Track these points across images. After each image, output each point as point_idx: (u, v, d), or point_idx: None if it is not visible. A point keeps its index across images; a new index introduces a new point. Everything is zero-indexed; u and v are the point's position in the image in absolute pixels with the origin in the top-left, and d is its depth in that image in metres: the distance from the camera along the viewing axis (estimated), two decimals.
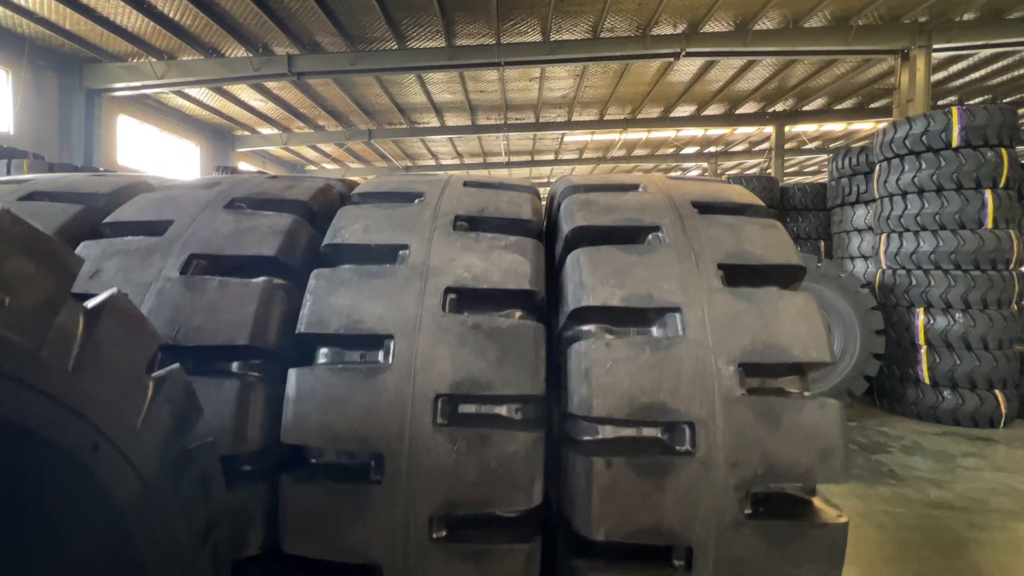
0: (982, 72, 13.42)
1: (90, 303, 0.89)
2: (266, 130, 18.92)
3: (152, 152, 15.90)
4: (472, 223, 1.76)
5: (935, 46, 10.48)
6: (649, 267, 1.55)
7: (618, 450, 1.39)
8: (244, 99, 15.66)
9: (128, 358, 0.93)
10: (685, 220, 1.69)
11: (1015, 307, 6.15)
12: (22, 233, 0.78)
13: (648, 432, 1.44)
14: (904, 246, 6.35)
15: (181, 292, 1.53)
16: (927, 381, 6.13)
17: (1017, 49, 11.19)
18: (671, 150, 23.08)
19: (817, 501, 1.47)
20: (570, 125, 18.23)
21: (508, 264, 1.59)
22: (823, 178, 23.55)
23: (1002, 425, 5.87)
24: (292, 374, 1.44)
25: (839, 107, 16.74)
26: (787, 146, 19.12)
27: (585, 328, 1.56)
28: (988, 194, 5.90)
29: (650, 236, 1.67)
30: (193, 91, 14.58)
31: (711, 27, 11.01)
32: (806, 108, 16.82)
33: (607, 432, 1.45)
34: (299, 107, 16.54)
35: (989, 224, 5.92)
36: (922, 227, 6.22)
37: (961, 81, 13.96)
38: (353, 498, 1.38)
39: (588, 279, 1.53)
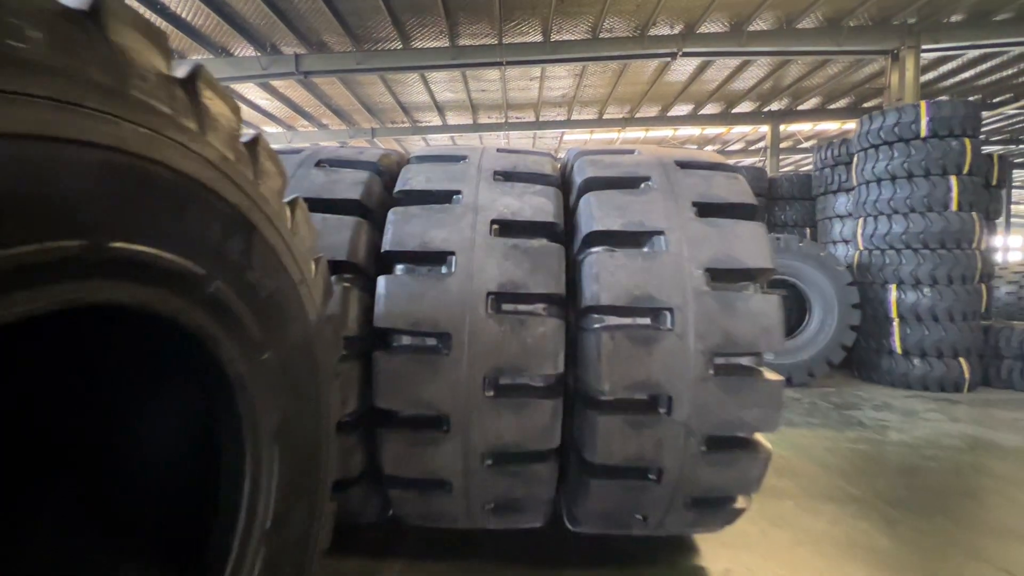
0: (970, 72, 13.78)
1: (289, 198, 1.42)
2: (271, 128, 19.31)
3: None
4: (507, 176, 2.29)
5: (924, 47, 10.72)
6: (642, 204, 2.09)
7: (619, 328, 1.93)
8: (251, 98, 16.06)
9: (307, 235, 1.46)
10: (669, 173, 2.23)
11: (982, 285, 6.72)
12: (267, 143, 1.31)
13: (640, 319, 1.97)
14: (879, 228, 6.92)
15: None
16: (899, 351, 6.70)
17: (1004, 50, 11.55)
18: None
19: (763, 369, 2.01)
20: (570, 124, 18.65)
21: (536, 204, 2.13)
22: None
23: (966, 390, 6.45)
24: (382, 279, 1.98)
25: (832, 107, 17.15)
26: (782, 145, 19.53)
27: (594, 250, 2.10)
28: (953, 180, 6.48)
29: (642, 184, 2.21)
30: None
31: (707, 28, 11.46)
32: (800, 108, 17.25)
33: (611, 320, 1.98)
34: (304, 105, 16.97)
35: (954, 207, 6.50)
36: (895, 211, 6.80)
37: (950, 81, 14.32)
38: (428, 365, 1.92)
39: (596, 212, 2.06)
